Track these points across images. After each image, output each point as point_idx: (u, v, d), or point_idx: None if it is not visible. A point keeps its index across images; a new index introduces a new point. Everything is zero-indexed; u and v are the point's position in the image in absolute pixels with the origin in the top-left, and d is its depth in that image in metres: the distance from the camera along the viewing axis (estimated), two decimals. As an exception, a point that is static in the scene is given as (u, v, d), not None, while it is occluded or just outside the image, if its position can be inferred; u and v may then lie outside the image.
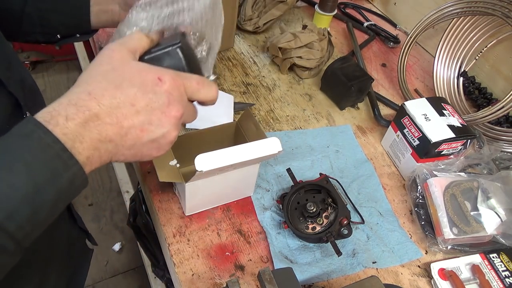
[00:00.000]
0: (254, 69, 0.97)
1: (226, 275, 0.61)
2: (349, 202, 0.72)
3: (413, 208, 0.72)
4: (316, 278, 0.61)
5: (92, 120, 0.34)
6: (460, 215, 0.67)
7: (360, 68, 0.92)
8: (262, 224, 0.67)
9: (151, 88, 0.37)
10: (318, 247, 0.66)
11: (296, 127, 0.85)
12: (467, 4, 0.88)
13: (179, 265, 0.61)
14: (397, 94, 0.99)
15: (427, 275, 0.66)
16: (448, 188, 0.69)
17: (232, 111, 0.83)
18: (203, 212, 0.67)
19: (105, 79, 0.36)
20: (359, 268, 0.64)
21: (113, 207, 1.83)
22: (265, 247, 0.65)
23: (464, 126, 0.74)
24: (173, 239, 0.63)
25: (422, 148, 0.73)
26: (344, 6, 1.25)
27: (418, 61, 1.10)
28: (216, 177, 0.60)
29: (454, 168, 0.72)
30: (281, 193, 0.70)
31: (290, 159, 0.77)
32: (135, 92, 0.36)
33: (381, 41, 1.15)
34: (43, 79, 2.35)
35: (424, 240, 0.69)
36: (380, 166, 0.81)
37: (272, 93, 0.92)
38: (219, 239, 0.64)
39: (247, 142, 0.56)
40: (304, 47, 0.93)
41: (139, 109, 0.36)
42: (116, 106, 0.35)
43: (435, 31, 1.02)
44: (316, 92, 0.95)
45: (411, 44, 0.97)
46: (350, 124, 0.89)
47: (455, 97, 0.95)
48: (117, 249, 1.67)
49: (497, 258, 0.66)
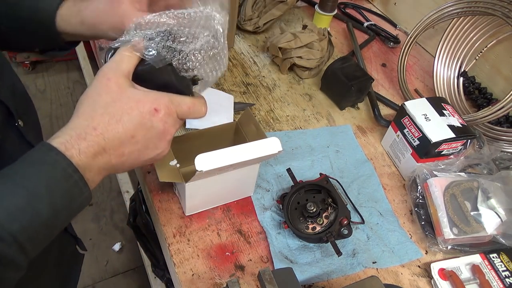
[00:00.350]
0: (254, 69, 0.97)
1: (226, 275, 0.61)
2: (349, 202, 0.72)
3: (413, 208, 0.72)
4: (316, 278, 0.61)
5: (100, 153, 0.39)
6: (460, 215, 0.67)
7: (360, 68, 0.92)
8: (262, 224, 0.67)
9: (148, 119, 0.41)
10: (318, 247, 0.66)
11: (296, 127, 0.85)
12: (467, 4, 0.88)
13: (179, 265, 0.61)
14: (397, 94, 0.99)
15: (427, 275, 0.66)
16: (448, 188, 0.69)
17: (232, 111, 0.83)
18: (203, 212, 0.67)
19: (107, 112, 0.40)
20: (359, 268, 0.64)
21: (113, 207, 1.83)
22: (265, 247, 0.65)
23: (464, 126, 0.74)
24: (173, 239, 0.63)
25: (422, 148, 0.73)
26: (344, 6, 1.25)
27: (418, 61, 1.10)
28: (216, 177, 0.60)
29: (454, 168, 0.72)
30: (281, 193, 0.70)
31: (290, 159, 0.77)
32: (135, 126, 0.41)
33: (381, 41, 1.15)
34: (43, 79, 2.35)
35: (424, 240, 0.69)
36: (380, 166, 0.81)
37: (272, 93, 0.92)
38: (219, 239, 0.64)
39: (247, 142, 0.56)
40: (304, 47, 0.93)
41: (138, 140, 0.42)
42: (118, 139, 0.40)
43: (435, 31, 1.02)
44: (316, 92, 0.95)
45: (411, 44, 0.97)
46: (350, 124, 0.89)
47: (455, 97, 0.95)
48: (117, 249, 1.67)
49: (497, 258, 0.66)
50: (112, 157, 0.40)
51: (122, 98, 0.41)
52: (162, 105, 0.42)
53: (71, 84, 2.33)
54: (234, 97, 0.86)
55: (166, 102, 0.43)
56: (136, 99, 0.41)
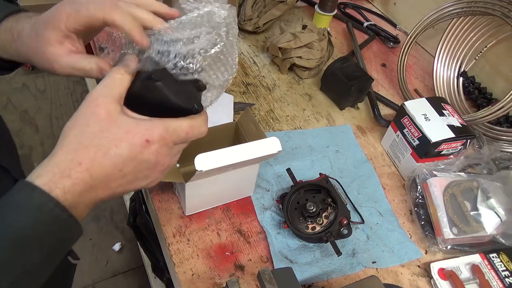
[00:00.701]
0: (254, 69, 0.97)
1: (226, 275, 0.61)
2: (349, 202, 0.72)
3: (413, 208, 0.72)
4: (316, 278, 0.62)
5: (86, 190, 0.36)
6: (460, 215, 0.67)
7: (360, 68, 0.92)
8: (262, 224, 0.67)
9: (139, 151, 0.37)
10: (318, 247, 0.66)
11: (296, 127, 0.85)
12: (467, 4, 0.88)
13: (179, 265, 0.61)
14: (397, 94, 0.99)
15: (427, 275, 0.66)
16: (448, 188, 0.69)
17: (232, 111, 0.83)
18: (203, 212, 0.67)
19: (93, 144, 0.36)
20: (359, 268, 0.64)
21: (113, 207, 1.82)
22: (265, 247, 0.65)
23: (464, 126, 0.74)
24: (173, 239, 0.63)
25: (422, 148, 0.73)
26: (344, 6, 1.25)
27: (418, 61, 1.10)
28: (216, 177, 0.60)
29: (454, 168, 0.72)
30: (281, 193, 0.70)
31: (290, 159, 0.77)
32: (123, 159, 0.37)
33: (381, 41, 1.15)
34: (43, 79, 2.34)
35: (424, 240, 0.69)
36: (380, 166, 0.81)
37: (272, 93, 0.92)
38: (219, 239, 0.64)
39: (246, 142, 0.56)
40: (304, 47, 0.93)
41: (127, 173, 0.38)
42: (105, 174, 0.36)
43: (435, 31, 1.02)
44: (316, 92, 0.95)
45: (411, 44, 0.97)
46: (350, 124, 0.89)
47: (455, 97, 0.95)
48: (117, 249, 1.67)
49: (497, 258, 0.66)
50: (99, 192, 0.37)
51: (111, 128, 0.36)
52: (155, 136, 0.37)
53: (71, 84, 2.33)
54: (234, 97, 0.86)
55: (160, 132, 0.38)
56: (126, 130, 0.37)
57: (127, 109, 0.39)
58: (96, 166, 0.36)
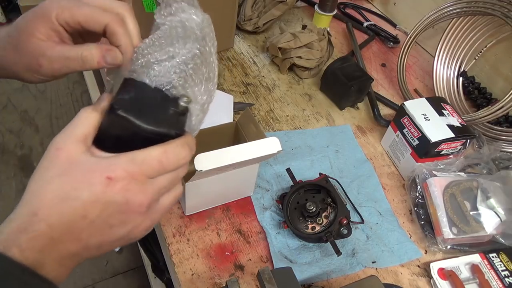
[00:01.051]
0: (254, 69, 0.97)
1: (226, 275, 0.61)
2: (348, 202, 0.72)
3: (413, 208, 0.72)
4: (315, 278, 0.62)
5: (47, 245, 0.31)
6: (460, 215, 0.67)
7: (360, 68, 0.92)
8: (261, 224, 0.67)
9: (101, 191, 0.32)
10: (318, 247, 0.66)
11: (296, 127, 0.85)
12: (467, 4, 0.88)
13: (179, 265, 0.61)
14: (396, 94, 0.99)
15: (427, 275, 0.66)
16: (448, 188, 0.69)
17: (232, 111, 0.83)
18: (203, 212, 0.67)
19: (50, 190, 0.32)
20: (359, 268, 0.64)
21: (113, 207, 1.83)
22: (264, 247, 0.65)
23: (463, 126, 0.74)
24: (173, 239, 0.63)
25: (421, 148, 0.73)
26: (344, 6, 1.25)
27: (417, 61, 1.10)
28: (216, 177, 0.60)
29: (453, 168, 0.72)
30: (281, 193, 0.70)
31: (289, 159, 0.77)
32: (83, 204, 0.32)
33: (381, 41, 1.15)
34: (43, 79, 2.35)
35: (424, 240, 0.69)
36: (379, 166, 0.81)
37: (272, 93, 0.92)
38: (219, 239, 0.64)
39: (246, 142, 0.56)
40: (304, 47, 0.93)
41: (93, 219, 0.33)
42: (65, 223, 0.32)
43: (435, 31, 1.02)
44: (316, 92, 0.95)
45: (410, 44, 0.97)
46: (350, 124, 0.89)
47: (454, 97, 0.95)
48: (117, 249, 1.67)
49: (497, 258, 0.66)
50: (67, 244, 0.32)
51: (71, 171, 0.33)
52: (117, 171, 0.33)
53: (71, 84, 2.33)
54: (233, 97, 0.86)
55: (123, 166, 0.33)
56: (86, 169, 0.33)
57: (95, 148, 0.35)
58: (54, 214, 0.31)
